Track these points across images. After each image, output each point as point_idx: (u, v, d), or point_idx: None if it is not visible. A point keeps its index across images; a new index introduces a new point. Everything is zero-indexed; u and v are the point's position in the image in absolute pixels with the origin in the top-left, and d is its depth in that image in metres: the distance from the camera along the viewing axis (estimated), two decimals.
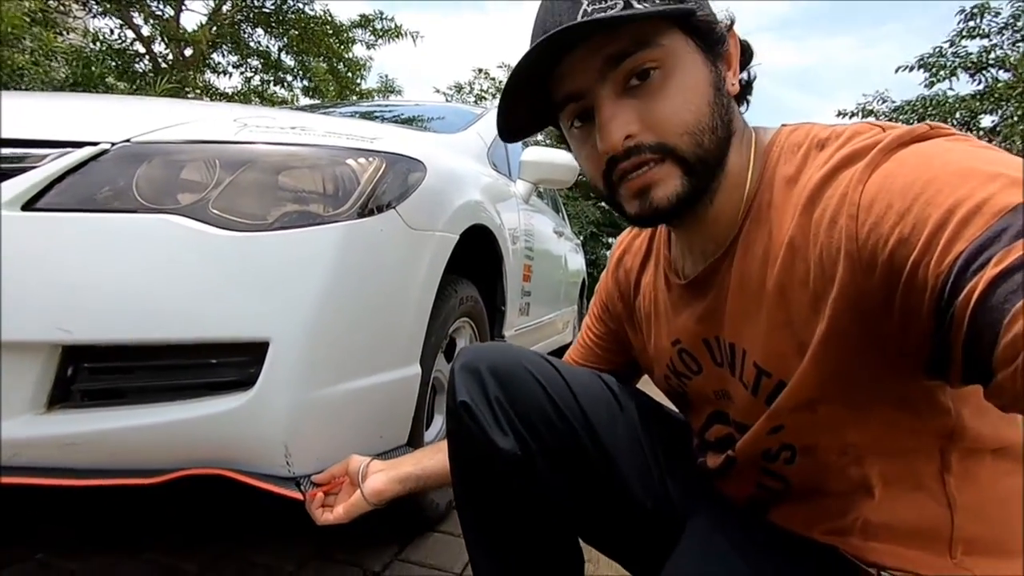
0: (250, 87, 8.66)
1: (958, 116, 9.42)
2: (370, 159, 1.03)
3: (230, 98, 8.38)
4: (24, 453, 0.76)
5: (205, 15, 7.83)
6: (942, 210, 0.37)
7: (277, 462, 0.83)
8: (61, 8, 6.45)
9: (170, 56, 7.78)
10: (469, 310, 1.42)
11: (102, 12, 7.10)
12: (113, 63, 7.04)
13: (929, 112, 9.43)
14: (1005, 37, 9.10)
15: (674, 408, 0.74)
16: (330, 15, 8.15)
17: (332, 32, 8.26)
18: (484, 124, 2.04)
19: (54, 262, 0.77)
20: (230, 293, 0.82)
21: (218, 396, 0.82)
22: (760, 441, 0.56)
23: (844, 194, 0.44)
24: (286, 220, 0.89)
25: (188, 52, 7.74)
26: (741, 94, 0.56)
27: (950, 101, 9.49)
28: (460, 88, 14.87)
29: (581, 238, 4.01)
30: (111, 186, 0.85)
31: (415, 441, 1.11)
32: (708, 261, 0.57)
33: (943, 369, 0.39)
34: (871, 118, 9.59)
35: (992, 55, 9.13)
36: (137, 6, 7.17)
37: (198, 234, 0.82)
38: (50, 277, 0.77)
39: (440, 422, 1.35)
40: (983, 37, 9.22)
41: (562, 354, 0.84)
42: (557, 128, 0.58)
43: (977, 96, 9.29)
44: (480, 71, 14.78)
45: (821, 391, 0.50)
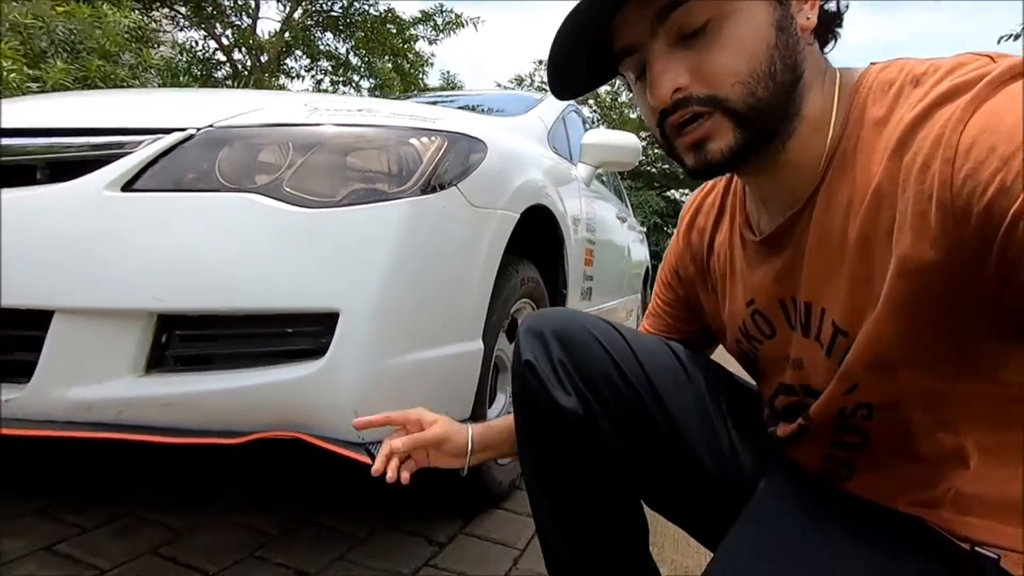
0: (320, 88, 9.06)
1: None
2: (432, 138, 1.05)
3: None
4: (127, 412, 0.84)
5: (278, 22, 8.28)
6: None
7: (348, 428, 0.87)
8: (154, 24, 7.00)
9: (248, 62, 8.29)
10: (530, 291, 1.43)
11: (188, 25, 7.67)
12: (197, 71, 7.57)
13: None
14: None
15: (745, 377, 0.71)
16: (393, 13, 8.39)
17: (396, 31, 8.51)
18: (544, 107, 2.04)
19: (149, 237, 0.85)
20: (303, 266, 0.87)
21: (293, 364, 0.87)
22: (834, 401, 0.53)
23: (940, 135, 0.40)
24: (354, 197, 0.93)
25: (264, 58, 8.21)
26: (824, 30, 0.51)
27: None
28: (521, 81, 14.93)
29: (645, 228, 3.93)
30: (196, 168, 0.91)
31: (478, 417, 1.13)
32: (786, 215, 0.53)
33: None
34: None
35: None
36: (218, 18, 7.69)
37: (274, 211, 0.88)
38: (146, 251, 0.84)
39: (503, 400, 1.37)
40: None
41: None
42: (623, 78, 0.56)
43: None
44: (540, 62, 14.78)
45: (901, 352, 0.46)
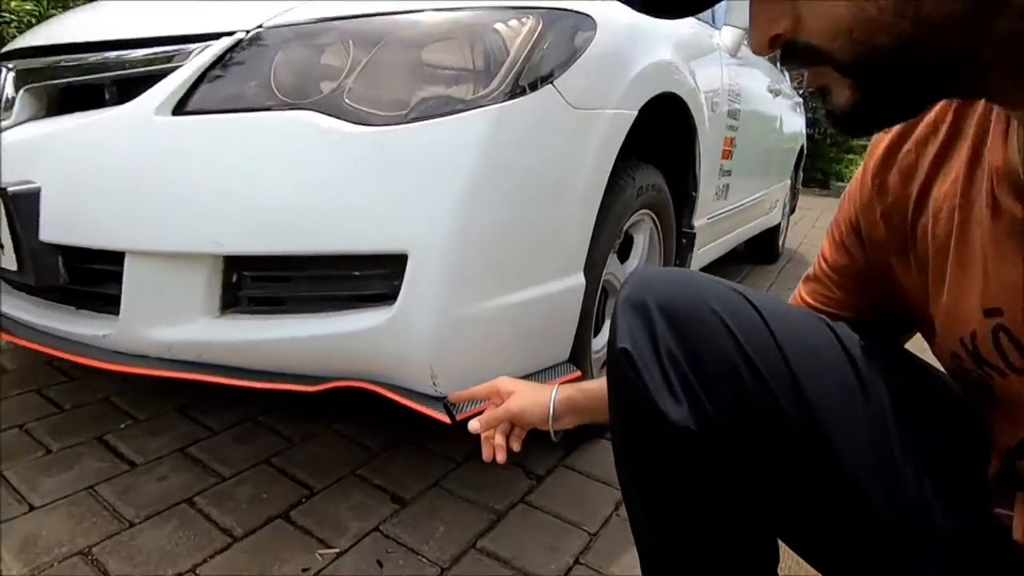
0: None
1: None
2: (523, 19, 0.82)
3: None
4: (207, 354, 0.82)
5: None
6: None
7: (424, 381, 0.78)
8: None
9: None
10: (650, 200, 1.19)
11: None
12: None
13: None
14: None
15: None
16: None
17: None
18: None
19: (202, 172, 0.76)
20: (365, 200, 0.74)
21: (366, 309, 0.78)
22: None
23: None
24: (423, 109, 0.76)
25: None
26: None
27: None
28: None
29: (801, 93, 3.25)
30: (249, 81, 0.79)
31: (578, 357, 0.99)
32: None
33: None
34: None
35: None
36: None
37: (332, 132, 0.74)
38: (199, 188, 0.76)
39: None
40: None
41: (766, 238, 0.58)
42: None
43: None
44: None
45: None
